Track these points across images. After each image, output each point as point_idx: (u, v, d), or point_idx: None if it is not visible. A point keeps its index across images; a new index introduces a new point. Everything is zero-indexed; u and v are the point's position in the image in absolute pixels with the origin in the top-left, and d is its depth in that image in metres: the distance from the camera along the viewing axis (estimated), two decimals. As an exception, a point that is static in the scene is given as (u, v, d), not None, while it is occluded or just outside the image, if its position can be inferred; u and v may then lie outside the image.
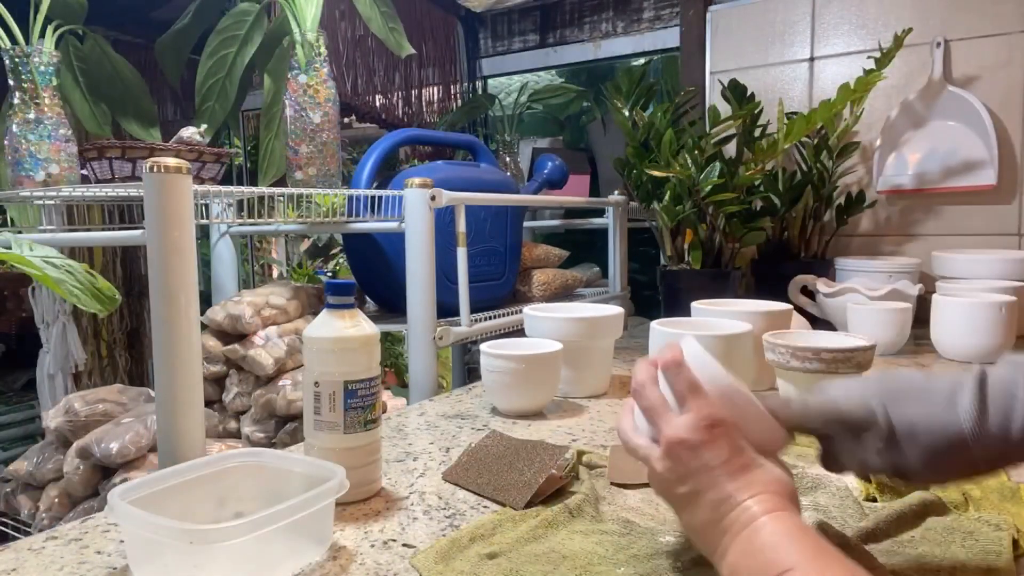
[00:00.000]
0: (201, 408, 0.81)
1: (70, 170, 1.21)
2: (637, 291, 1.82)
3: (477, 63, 2.38)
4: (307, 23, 1.24)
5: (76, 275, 0.76)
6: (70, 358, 1.93)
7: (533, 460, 0.71)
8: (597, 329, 1.05)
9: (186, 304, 0.78)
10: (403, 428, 0.92)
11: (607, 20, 2.14)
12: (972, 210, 1.59)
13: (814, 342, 0.94)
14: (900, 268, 1.50)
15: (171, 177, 0.77)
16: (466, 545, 0.57)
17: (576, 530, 0.60)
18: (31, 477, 1.11)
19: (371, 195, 1.18)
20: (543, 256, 1.64)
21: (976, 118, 1.53)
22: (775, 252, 1.66)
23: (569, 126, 2.46)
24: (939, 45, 1.57)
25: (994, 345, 1.20)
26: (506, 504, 0.66)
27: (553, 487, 0.68)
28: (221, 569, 0.51)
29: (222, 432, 1.18)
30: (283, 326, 1.19)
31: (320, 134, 1.24)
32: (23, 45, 1.19)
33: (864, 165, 1.70)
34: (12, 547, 0.59)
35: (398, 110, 2.22)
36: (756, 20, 1.79)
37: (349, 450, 0.67)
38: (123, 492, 0.54)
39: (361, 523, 0.63)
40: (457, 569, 0.53)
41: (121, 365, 2.43)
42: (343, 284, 0.68)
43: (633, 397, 0.54)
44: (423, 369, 1.14)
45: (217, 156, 1.21)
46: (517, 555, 0.56)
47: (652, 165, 1.46)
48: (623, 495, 0.68)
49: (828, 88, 1.69)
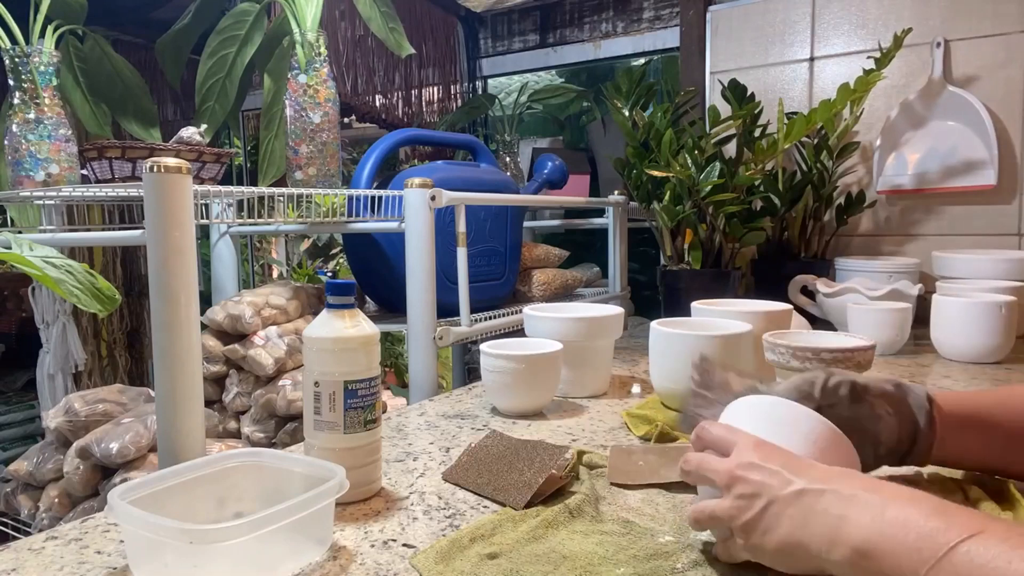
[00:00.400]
0: (201, 408, 0.81)
1: (70, 170, 1.21)
2: (637, 291, 1.82)
3: (477, 63, 2.38)
4: (307, 23, 1.24)
5: (76, 275, 0.76)
6: (70, 358, 1.93)
7: (533, 460, 0.71)
8: (597, 329, 1.05)
9: (186, 304, 0.78)
10: (403, 428, 0.92)
11: (607, 20, 2.14)
12: (972, 210, 1.59)
13: (814, 342, 0.94)
14: (900, 268, 1.50)
15: (171, 177, 0.77)
16: (466, 545, 0.57)
17: (576, 530, 0.60)
18: (31, 477, 1.11)
19: (371, 195, 1.18)
20: (543, 256, 1.64)
21: (976, 118, 1.53)
22: (775, 252, 1.66)
23: (569, 126, 2.46)
24: (939, 45, 1.57)
25: (994, 345, 1.20)
26: (506, 504, 0.66)
27: (553, 487, 0.68)
28: (221, 569, 0.51)
29: (222, 432, 1.18)
30: (283, 326, 1.19)
31: (320, 134, 1.24)
32: (23, 45, 1.19)
33: (864, 165, 1.70)
34: (12, 547, 0.59)
35: (398, 110, 2.22)
36: (756, 20, 1.79)
37: (349, 450, 0.67)
38: (123, 492, 0.54)
39: (361, 523, 0.63)
40: (457, 569, 0.53)
41: (121, 365, 2.43)
42: (343, 284, 0.68)
43: (686, 479, 0.54)
44: (423, 369, 1.14)
45: (217, 156, 1.21)
46: (517, 555, 0.56)
47: (652, 165, 1.46)
48: (623, 495, 0.68)
49: (828, 88, 1.69)
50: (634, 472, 0.72)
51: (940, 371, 1.18)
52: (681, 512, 0.63)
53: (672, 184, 1.44)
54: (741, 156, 1.51)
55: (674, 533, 0.59)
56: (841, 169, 1.64)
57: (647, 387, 1.11)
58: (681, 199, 1.45)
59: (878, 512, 0.42)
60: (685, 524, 0.60)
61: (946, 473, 0.69)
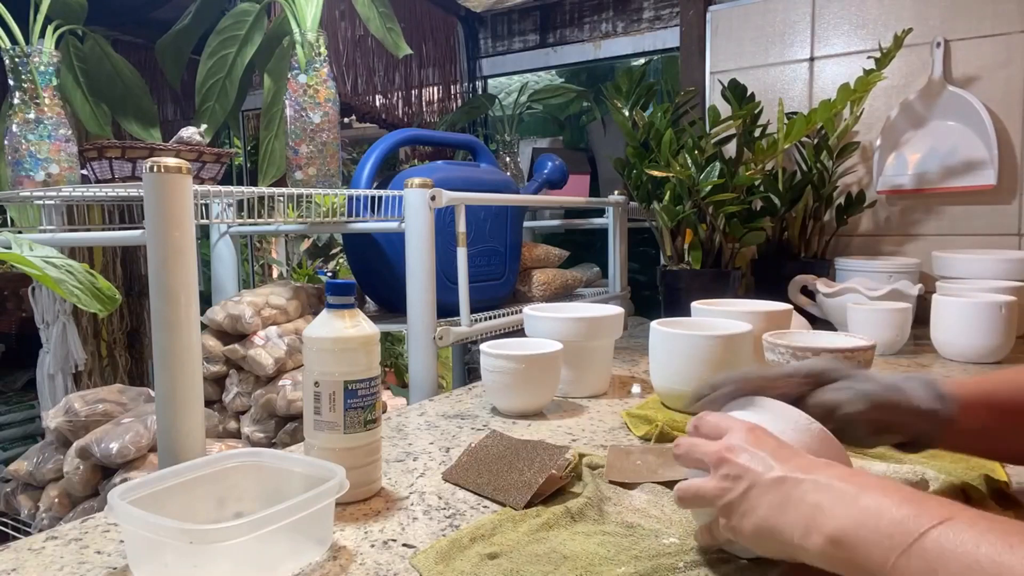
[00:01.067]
0: (201, 408, 0.81)
1: (70, 170, 1.21)
2: (637, 291, 1.82)
3: (477, 63, 2.38)
4: (307, 23, 1.24)
5: (76, 275, 0.76)
6: (70, 358, 1.93)
7: (533, 460, 0.71)
8: (597, 329, 1.05)
9: (186, 304, 0.78)
10: (403, 428, 0.92)
11: (607, 20, 2.14)
12: (972, 210, 1.59)
13: (814, 342, 0.94)
14: (900, 268, 1.50)
15: (171, 177, 0.77)
16: (466, 545, 0.57)
17: (578, 531, 0.60)
18: (31, 477, 1.11)
19: (371, 195, 1.18)
20: (543, 256, 1.64)
21: (976, 118, 1.53)
22: (775, 252, 1.66)
23: (569, 126, 2.46)
24: (939, 45, 1.57)
25: (994, 345, 1.20)
26: (506, 504, 0.66)
27: (553, 487, 0.68)
28: (221, 569, 0.51)
29: (222, 432, 1.18)
30: (283, 326, 1.19)
31: (320, 134, 1.24)
32: (23, 45, 1.19)
33: (864, 165, 1.70)
34: (12, 547, 0.59)
35: (398, 110, 2.22)
36: (756, 20, 1.79)
37: (349, 450, 0.67)
38: (123, 492, 0.54)
39: (361, 523, 0.63)
40: (457, 569, 0.53)
41: (121, 365, 2.43)
42: (343, 284, 0.68)
43: (677, 462, 0.55)
44: (423, 369, 1.14)
45: (217, 156, 1.21)
46: (518, 555, 0.55)
47: (652, 165, 1.46)
48: (628, 496, 0.68)
49: (828, 88, 1.69)
50: (631, 471, 0.72)
51: (940, 371, 1.18)
52: (687, 513, 0.63)
53: (672, 184, 1.44)
54: (741, 156, 1.51)
55: (679, 535, 0.59)
56: (841, 169, 1.64)
57: (647, 387, 1.11)
58: (681, 199, 1.45)
59: (851, 500, 0.43)
60: (691, 526, 0.60)
61: (944, 474, 0.69)
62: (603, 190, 2.04)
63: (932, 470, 0.70)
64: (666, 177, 1.43)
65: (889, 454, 0.76)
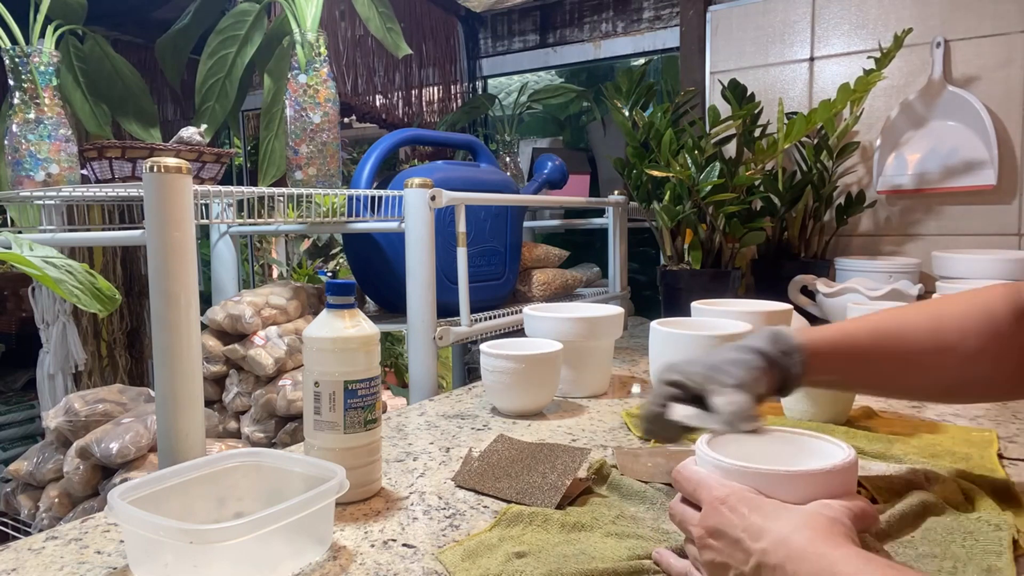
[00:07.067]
0: (201, 408, 0.81)
1: (70, 170, 1.21)
2: (637, 291, 1.82)
3: (477, 63, 2.38)
4: (307, 23, 1.24)
5: (76, 275, 0.75)
6: (70, 358, 1.93)
7: (554, 463, 0.71)
8: (597, 329, 1.05)
9: (186, 304, 0.78)
10: (403, 428, 0.92)
11: (607, 20, 2.14)
12: (972, 210, 1.59)
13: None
14: (900, 268, 1.50)
15: (171, 177, 0.77)
16: (495, 544, 0.57)
17: (609, 532, 0.60)
18: (31, 477, 1.11)
19: (371, 195, 1.18)
20: (543, 256, 1.64)
21: (976, 118, 1.53)
22: (775, 252, 1.66)
23: (569, 126, 2.46)
24: (939, 45, 1.57)
25: (994, 345, 1.20)
26: (533, 506, 0.65)
27: (578, 489, 0.68)
28: (221, 569, 0.51)
29: (222, 432, 1.18)
30: (283, 326, 1.19)
31: (320, 134, 1.24)
32: (23, 45, 1.19)
33: (864, 165, 1.70)
34: (12, 547, 0.59)
35: (398, 110, 2.22)
36: (756, 20, 1.79)
37: (349, 450, 0.67)
38: (123, 492, 0.54)
39: (361, 523, 0.63)
40: (484, 567, 0.53)
41: (121, 365, 2.43)
42: (343, 284, 0.68)
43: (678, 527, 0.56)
44: (423, 369, 1.15)
45: (217, 156, 1.21)
46: (547, 556, 0.55)
47: (652, 165, 1.46)
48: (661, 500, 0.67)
49: (828, 88, 1.69)
50: (643, 471, 0.72)
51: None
52: None
53: (672, 184, 1.44)
54: (741, 156, 1.51)
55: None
56: (841, 169, 1.64)
57: (647, 387, 1.11)
58: (681, 199, 1.45)
59: None
60: None
61: (944, 472, 0.69)
62: (603, 190, 2.04)
63: (933, 469, 0.70)
64: (666, 177, 1.43)
65: (888, 453, 0.76)
